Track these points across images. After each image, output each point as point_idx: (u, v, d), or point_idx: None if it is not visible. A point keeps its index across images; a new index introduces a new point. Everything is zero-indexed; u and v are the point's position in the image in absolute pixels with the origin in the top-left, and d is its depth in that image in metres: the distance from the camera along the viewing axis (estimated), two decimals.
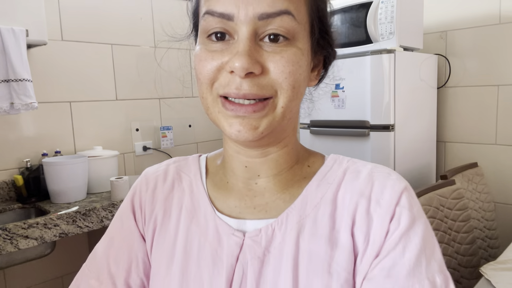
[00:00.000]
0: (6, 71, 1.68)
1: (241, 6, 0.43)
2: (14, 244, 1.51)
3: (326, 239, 0.48)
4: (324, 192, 0.51)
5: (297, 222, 0.49)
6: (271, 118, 0.46)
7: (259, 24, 0.44)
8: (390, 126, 1.85)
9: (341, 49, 2.07)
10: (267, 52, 0.44)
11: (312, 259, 0.47)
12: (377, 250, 0.46)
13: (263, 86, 0.44)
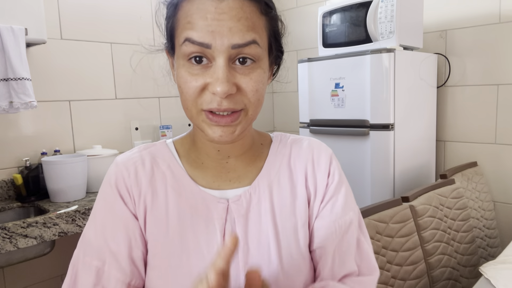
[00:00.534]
0: (5, 70, 1.68)
1: (217, 37, 0.54)
2: (13, 243, 1.51)
3: (289, 194, 0.67)
4: (280, 161, 0.69)
5: (267, 185, 0.66)
6: (244, 124, 0.60)
7: (232, 52, 0.56)
8: (390, 125, 1.85)
9: (341, 48, 2.07)
10: (238, 74, 0.57)
11: (282, 209, 0.65)
12: (321, 197, 0.67)
13: (237, 101, 0.57)
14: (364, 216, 1.31)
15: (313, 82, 2.12)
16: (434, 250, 1.49)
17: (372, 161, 1.90)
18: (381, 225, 1.32)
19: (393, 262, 1.32)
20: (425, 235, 1.47)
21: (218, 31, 0.54)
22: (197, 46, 0.55)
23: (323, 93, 2.07)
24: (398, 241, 1.36)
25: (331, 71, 2.02)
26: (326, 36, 2.12)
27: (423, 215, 1.50)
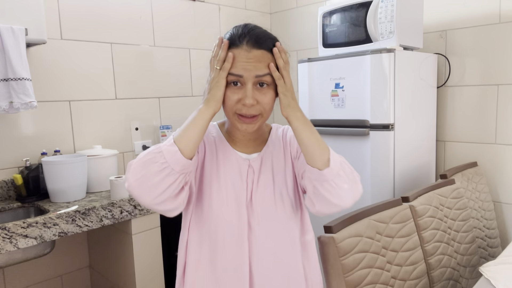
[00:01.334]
0: (5, 70, 1.68)
1: (246, 71, 0.91)
2: (13, 243, 1.51)
3: (283, 157, 1.05)
4: (276, 140, 1.08)
5: (270, 153, 1.05)
6: (259, 123, 0.97)
7: (255, 79, 0.92)
8: (390, 125, 1.85)
9: (341, 48, 2.07)
10: (259, 92, 0.93)
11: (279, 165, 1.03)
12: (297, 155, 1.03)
13: (257, 110, 0.94)
14: (364, 216, 1.31)
15: (313, 82, 2.12)
16: (434, 250, 1.49)
17: (372, 161, 1.90)
18: (381, 225, 1.32)
19: (393, 262, 1.32)
20: (425, 235, 1.47)
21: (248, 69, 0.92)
22: (235, 76, 0.93)
23: (323, 93, 2.07)
24: (398, 241, 1.36)
25: (331, 71, 2.02)
26: (326, 36, 2.12)
27: (423, 215, 1.50)
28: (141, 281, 1.92)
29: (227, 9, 2.84)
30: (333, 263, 1.17)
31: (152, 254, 1.96)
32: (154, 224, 1.97)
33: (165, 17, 2.49)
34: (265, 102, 0.93)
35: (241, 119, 0.94)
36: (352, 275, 1.18)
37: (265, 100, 0.93)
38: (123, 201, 1.82)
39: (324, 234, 1.20)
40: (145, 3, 2.39)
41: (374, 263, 1.24)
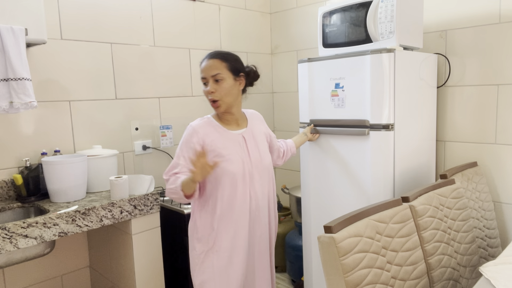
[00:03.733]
0: (5, 70, 1.68)
1: (206, 73, 1.55)
2: (13, 243, 1.51)
3: (259, 130, 1.72)
4: (252, 119, 1.72)
5: (252, 127, 1.68)
6: (223, 106, 1.56)
7: (212, 77, 1.54)
8: (390, 125, 1.85)
9: (341, 48, 2.06)
10: (216, 85, 1.54)
11: (260, 135, 1.71)
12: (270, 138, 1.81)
13: (216, 96, 1.54)
14: (364, 216, 1.31)
15: (313, 82, 2.12)
16: (434, 250, 1.49)
17: (372, 161, 1.90)
18: (381, 225, 1.32)
19: (393, 262, 1.32)
20: (425, 235, 1.47)
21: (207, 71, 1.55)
22: (202, 79, 1.56)
23: (323, 93, 2.07)
24: (398, 241, 1.36)
25: (331, 71, 2.02)
26: (326, 36, 2.12)
27: (423, 215, 1.50)
28: (141, 281, 1.92)
29: (227, 9, 2.84)
30: (333, 263, 1.17)
31: (152, 254, 1.96)
32: (154, 224, 1.97)
33: (165, 17, 2.49)
34: (220, 90, 1.52)
35: (212, 105, 1.56)
36: (352, 275, 1.18)
37: (220, 89, 1.52)
38: (123, 201, 1.82)
39: (324, 234, 1.20)
40: (145, 3, 2.39)
41: (374, 263, 1.24)
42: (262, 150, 1.66)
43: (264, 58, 3.14)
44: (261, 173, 1.64)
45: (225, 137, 1.58)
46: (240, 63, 1.60)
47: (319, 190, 2.16)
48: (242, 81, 1.60)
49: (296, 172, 3.12)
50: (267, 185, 1.68)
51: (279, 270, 2.99)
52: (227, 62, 1.54)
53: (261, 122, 1.76)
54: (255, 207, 1.63)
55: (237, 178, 1.56)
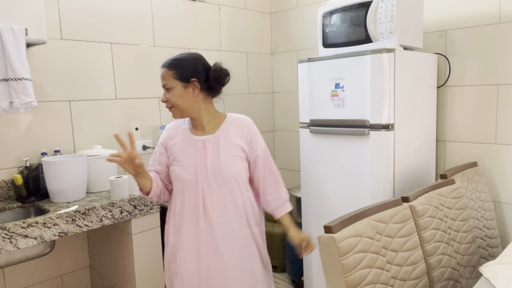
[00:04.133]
0: (5, 70, 1.68)
1: (162, 83, 1.49)
2: (13, 243, 1.51)
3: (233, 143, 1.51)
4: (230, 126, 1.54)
5: (219, 135, 1.52)
6: (177, 112, 1.51)
7: (163, 87, 1.49)
8: (390, 125, 1.85)
9: (341, 48, 2.06)
10: (168, 93, 1.48)
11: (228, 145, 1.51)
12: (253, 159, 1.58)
13: (169, 104, 1.49)
14: (364, 216, 1.31)
15: (313, 82, 2.12)
16: (434, 250, 1.49)
17: (372, 161, 1.90)
18: (381, 225, 1.32)
19: (393, 262, 1.32)
20: (425, 235, 1.48)
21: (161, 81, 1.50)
22: None
23: (323, 93, 2.07)
24: (398, 241, 1.36)
25: (331, 71, 2.02)
26: (326, 36, 2.12)
27: (423, 215, 1.50)
28: (141, 281, 1.92)
29: (227, 9, 2.84)
30: (333, 263, 1.17)
31: (152, 254, 1.96)
32: (154, 224, 1.97)
33: (165, 17, 2.49)
34: (172, 99, 1.47)
35: (170, 111, 1.52)
36: (352, 275, 1.18)
37: (171, 98, 1.47)
38: (123, 201, 1.82)
39: (324, 234, 1.20)
40: (145, 3, 2.39)
41: (374, 263, 1.24)
42: (224, 159, 1.48)
43: (264, 58, 3.14)
44: (221, 184, 1.48)
45: (186, 141, 1.52)
46: (190, 67, 1.46)
47: (319, 190, 2.16)
48: (196, 87, 1.47)
49: (296, 172, 3.12)
50: (230, 197, 1.49)
51: (279, 270, 2.99)
52: (174, 70, 1.45)
53: (241, 133, 1.53)
54: (209, 220, 1.49)
55: (187, 184, 1.48)
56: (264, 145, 1.58)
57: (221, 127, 1.53)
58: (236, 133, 1.53)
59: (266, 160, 1.57)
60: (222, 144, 1.50)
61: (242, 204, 1.52)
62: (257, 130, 1.58)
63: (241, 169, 1.51)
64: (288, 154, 3.18)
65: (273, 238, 2.92)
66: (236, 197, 1.51)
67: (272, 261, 2.98)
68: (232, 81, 3.08)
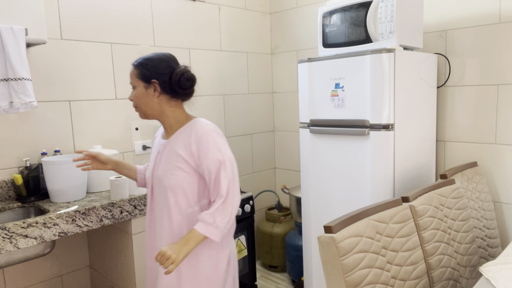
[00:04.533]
0: (5, 70, 1.68)
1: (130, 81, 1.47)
2: (13, 243, 1.51)
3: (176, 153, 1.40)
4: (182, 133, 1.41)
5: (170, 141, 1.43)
6: (140, 113, 1.47)
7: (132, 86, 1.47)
8: (390, 125, 1.85)
9: (341, 48, 2.06)
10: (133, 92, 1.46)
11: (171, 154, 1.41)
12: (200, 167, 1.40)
13: (134, 103, 1.46)
14: (364, 216, 1.31)
15: (313, 82, 2.12)
16: (434, 250, 1.49)
17: (372, 161, 1.90)
18: (381, 225, 1.32)
19: (393, 262, 1.32)
20: (425, 235, 1.48)
21: None
22: None
23: (323, 93, 2.07)
24: (398, 241, 1.36)
25: (331, 71, 2.02)
26: (326, 36, 2.12)
27: (423, 215, 1.50)
28: (141, 281, 1.92)
29: (227, 9, 2.84)
30: (333, 263, 1.18)
31: None
32: None
33: (165, 17, 2.49)
34: (133, 98, 1.44)
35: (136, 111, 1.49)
36: (352, 275, 1.18)
37: (133, 97, 1.44)
38: (123, 201, 1.82)
39: (324, 234, 1.20)
40: (145, 3, 2.39)
41: (374, 263, 1.24)
42: (164, 167, 1.40)
43: (264, 58, 3.13)
44: (160, 193, 1.42)
45: (157, 143, 1.52)
46: (153, 68, 1.40)
47: (319, 190, 2.16)
48: (157, 88, 1.39)
49: (296, 172, 3.12)
50: (165, 210, 1.41)
51: (279, 270, 2.99)
52: (138, 69, 1.42)
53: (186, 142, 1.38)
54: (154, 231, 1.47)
55: (149, 188, 1.50)
56: (219, 158, 1.34)
57: (175, 133, 1.43)
58: (182, 141, 1.39)
59: (217, 174, 1.34)
60: (167, 151, 1.42)
61: (178, 221, 1.39)
62: (214, 140, 1.36)
63: (180, 181, 1.37)
64: (288, 154, 3.18)
65: (273, 238, 2.92)
66: (171, 211, 1.39)
67: (272, 261, 2.98)
68: (232, 81, 3.10)
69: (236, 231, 2.34)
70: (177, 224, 1.40)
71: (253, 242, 2.46)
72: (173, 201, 1.38)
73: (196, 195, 1.40)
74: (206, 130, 1.37)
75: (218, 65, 2.80)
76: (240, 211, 2.32)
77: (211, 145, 1.35)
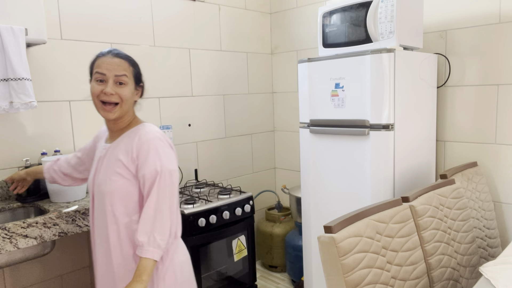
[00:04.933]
0: (5, 70, 1.68)
1: (108, 71, 1.29)
2: (13, 243, 1.51)
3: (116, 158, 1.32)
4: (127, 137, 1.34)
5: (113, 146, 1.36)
6: (118, 112, 1.31)
7: (115, 78, 1.29)
8: (390, 125, 1.85)
9: (341, 48, 2.06)
10: (117, 87, 1.30)
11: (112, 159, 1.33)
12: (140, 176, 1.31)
13: (116, 98, 1.29)
14: (364, 216, 1.31)
15: (313, 82, 2.12)
16: (434, 250, 1.49)
17: (372, 161, 1.90)
18: (381, 225, 1.32)
19: (393, 262, 1.32)
20: (425, 235, 1.48)
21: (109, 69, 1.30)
22: (99, 74, 1.30)
23: (323, 93, 2.07)
24: (398, 241, 1.36)
25: (331, 71, 2.02)
26: (326, 36, 2.12)
27: (423, 215, 1.50)
28: None
29: (227, 9, 2.84)
30: (333, 263, 1.18)
31: None
32: None
33: (165, 17, 2.49)
34: (123, 94, 1.30)
35: (104, 107, 1.30)
36: (352, 275, 1.18)
37: (123, 92, 1.30)
38: None
39: (324, 234, 1.20)
40: (145, 3, 2.39)
41: (374, 263, 1.24)
42: (103, 173, 1.33)
43: (264, 58, 3.13)
44: (99, 200, 1.35)
45: (100, 147, 1.43)
46: (141, 72, 1.40)
47: (319, 190, 2.16)
48: (139, 92, 1.40)
49: (296, 172, 3.12)
50: (102, 219, 1.33)
51: (279, 270, 2.99)
52: (133, 67, 1.35)
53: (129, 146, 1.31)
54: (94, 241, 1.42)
55: (90, 193, 1.42)
56: (156, 168, 1.26)
57: (120, 137, 1.36)
58: (125, 146, 1.31)
59: (153, 184, 1.25)
60: (108, 156, 1.34)
61: (115, 230, 1.31)
62: (156, 148, 1.29)
63: (118, 188, 1.29)
64: (288, 154, 3.18)
65: (273, 238, 2.92)
66: (108, 221, 1.31)
67: (272, 261, 2.98)
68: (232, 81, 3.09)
69: (236, 231, 2.34)
70: (113, 233, 1.31)
71: (253, 242, 2.46)
72: (109, 209, 1.30)
73: (135, 204, 1.31)
74: (150, 137, 1.29)
75: (218, 65, 2.80)
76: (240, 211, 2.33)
77: (151, 153, 1.27)
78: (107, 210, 1.30)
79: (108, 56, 1.30)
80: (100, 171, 1.35)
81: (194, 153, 2.70)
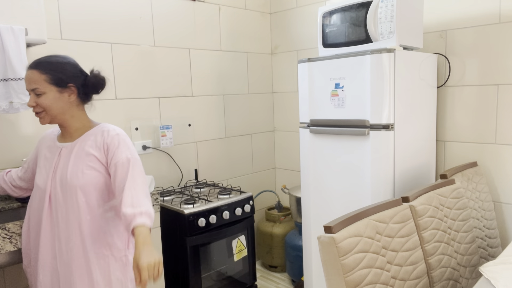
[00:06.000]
0: (5, 70, 1.68)
1: (27, 85, 1.38)
2: (13, 243, 1.51)
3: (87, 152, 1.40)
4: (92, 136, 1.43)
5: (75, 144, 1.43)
6: (46, 118, 1.40)
7: (30, 92, 1.38)
8: (390, 125, 1.85)
9: (341, 48, 2.06)
10: (38, 98, 1.37)
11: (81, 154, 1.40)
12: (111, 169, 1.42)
13: (39, 109, 1.38)
14: (364, 216, 1.31)
15: (313, 82, 2.12)
16: (434, 250, 1.49)
17: (372, 161, 1.90)
18: (381, 225, 1.32)
19: (393, 262, 1.32)
20: (425, 235, 1.48)
21: (26, 84, 1.39)
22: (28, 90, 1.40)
23: (323, 93, 2.07)
24: (398, 241, 1.36)
25: (331, 71, 2.02)
26: (326, 36, 2.12)
27: (423, 215, 1.50)
28: None
29: (227, 9, 2.84)
30: (333, 263, 1.18)
31: None
32: (154, 224, 1.96)
33: (165, 17, 2.49)
34: (43, 103, 1.37)
35: (36, 116, 1.41)
36: (352, 275, 1.18)
37: (42, 102, 1.37)
38: None
39: (324, 234, 1.20)
40: (145, 3, 2.39)
41: (374, 263, 1.25)
42: (72, 168, 1.39)
43: (264, 58, 3.13)
44: (66, 196, 1.38)
45: (50, 148, 1.47)
46: (69, 72, 1.41)
47: (319, 190, 2.16)
48: (73, 92, 1.41)
49: (296, 172, 3.12)
50: (73, 213, 1.38)
51: (279, 270, 2.99)
52: (48, 73, 1.36)
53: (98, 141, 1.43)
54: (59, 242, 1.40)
55: (38, 191, 1.43)
56: (128, 156, 1.40)
57: (83, 136, 1.44)
58: (94, 142, 1.42)
59: (128, 169, 1.38)
60: (75, 152, 1.41)
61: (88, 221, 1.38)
62: (124, 141, 1.44)
63: (91, 180, 1.39)
64: (288, 154, 3.18)
65: (273, 238, 2.92)
66: (80, 212, 1.37)
67: (272, 261, 2.98)
68: (232, 81, 3.09)
69: (236, 231, 2.34)
70: (87, 224, 1.38)
71: (253, 242, 2.46)
72: (83, 200, 1.37)
73: (107, 195, 1.43)
74: (118, 132, 1.45)
75: (218, 65, 2.80)
76: (240, 211, 2.33)
77: (121, 144, 1.42)
78: (80, 202, 1.37)
79: (28, 70, 1.39)
80: (68, 167, 1.39)
81: (194, 153, 2.70)
